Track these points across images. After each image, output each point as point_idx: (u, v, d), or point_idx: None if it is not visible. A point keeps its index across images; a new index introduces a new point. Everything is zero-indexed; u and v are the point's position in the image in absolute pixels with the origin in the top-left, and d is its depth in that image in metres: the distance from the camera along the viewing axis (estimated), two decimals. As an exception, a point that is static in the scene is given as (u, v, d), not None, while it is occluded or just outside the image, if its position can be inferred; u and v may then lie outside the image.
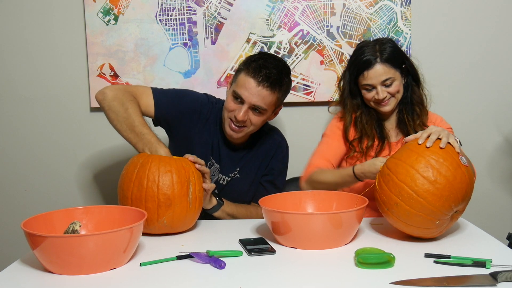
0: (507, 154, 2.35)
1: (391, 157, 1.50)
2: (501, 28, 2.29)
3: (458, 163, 1.41)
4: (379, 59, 1.81)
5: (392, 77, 1.82)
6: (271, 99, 1.78)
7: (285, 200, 1.64)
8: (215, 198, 1.78)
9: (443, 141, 1.44)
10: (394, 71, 1.83)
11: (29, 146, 2.46)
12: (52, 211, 1.44)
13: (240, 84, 1.77)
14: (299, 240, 1.42)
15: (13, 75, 2.42)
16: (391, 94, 1.84)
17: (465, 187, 1.40)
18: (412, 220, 1.40)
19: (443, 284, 1.14)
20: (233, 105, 1.79)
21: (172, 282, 1.22)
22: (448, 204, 1.37)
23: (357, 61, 1.85)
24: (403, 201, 1.39)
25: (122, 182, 1.59)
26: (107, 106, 1.74)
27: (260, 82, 1.75)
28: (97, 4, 2.32)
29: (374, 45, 1.85)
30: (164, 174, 1.54)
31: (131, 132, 1.69)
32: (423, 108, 1.91)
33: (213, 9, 2.30)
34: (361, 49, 1.86)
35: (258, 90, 1.75)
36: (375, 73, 1.81)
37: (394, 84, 1.83)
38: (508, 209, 2.38)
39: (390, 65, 1.82)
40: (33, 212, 1.47)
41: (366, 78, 1.83)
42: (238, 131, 1.82)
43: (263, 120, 1.84)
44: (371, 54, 1.82)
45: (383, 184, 1.45)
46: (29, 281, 1.25)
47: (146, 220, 1.50)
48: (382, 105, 1.86)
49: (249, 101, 1.76)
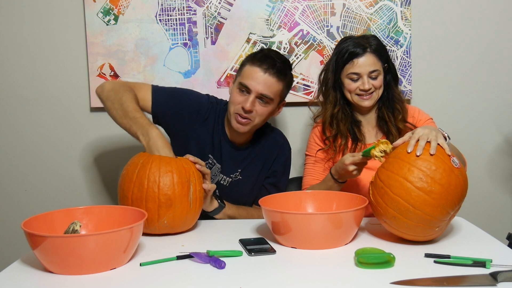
0: (507, 154, 2.35)
1: (382, 168, 1.45)
2: (501, 28, 2.29)
3: (450, 168, 1.37)
4: (369, 49, 1.82)
5: (379, 70, 1.84)
6: (277, 88, 1.81)
7: (285, 200, 1.64)
8: (217, 201, 1.78)
9: (432, 145, 1.40)
10: (380, 65, 1.85)
11: (29, 146, 2.46)
12: (52, 211, 1.44)
13: (246, 74, 1.80)
14: (299, 240, 1.42)
15: (13, 75, 2.42)
16: (375, 88, 1.85)
17: (460, 190, 1.38)
18: (412, 230, 1.38)
19: (443, 284, 1.14)
20: (240, 97, 1.81)
21: (172, 282, 1.22)
22: (445, 211, 1.36)
23: (345, 50, 1.84)
24: (401, 214, 1.36)
25: (123, 182, 1.59)
26: (105, 97, 1.78)
27: (266, 69, 1.78)
28: (97, 4, 2.32)
29: (361, 38, 1.87)
30: (165, 174, 1.54)
31: (125, 117, 1.71)
32: (403, 105, 1.92)
33: (213, 9, 2.30)
34: (347, 41, 1.87)
35: (264, 77, 1.78)
36: (364, 62, 1.82)
37: (379, 78, 1.85)
38: (508, 209, 2.38)
39: (378, 58, 1.84)
40: (33, 212, 1.47)
41: (355, 66, 1.82)
42: (245, 123, 1.82)
43: (269, 111, 1.84)
44: (361, 44, 1.83)
45: (378, 196, 1.42)
46: (29, 281, 1.25)
47: (147, 220, 1.50)
48: (364, 98, 1.85)
49: (256, 89, 1.78)
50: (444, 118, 2.29)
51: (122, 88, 1.79)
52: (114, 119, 1.75)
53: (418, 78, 2.30)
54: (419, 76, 2.30)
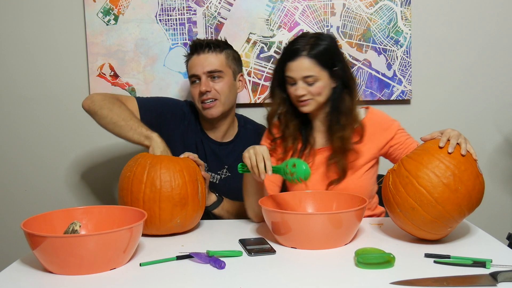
0: (507, 154, 2.35)
1: (409, 158, 1.44)
2: (501, 28, 2.29)
3: (477, 172, 1.39)
4: (305, 52, 1.66)
5: (316, 75, 1.66)
6: (218, 60, 1.90)
7: (285, 200, 1.64)
8: (215, 194, 1.80)
9: (463, 147, 1.41)
10: (320, 69, 1.67)
11: (29, 146, 2.46)
12: (52, 211, 1.44)
13: (189, 67, 1.94)
14: (299, 240, 1.42)
15: (13, 75, 2.42)
16: (312, 94, 1.68)
17: (480, 197, 1.39)
18: (426, 225, 1.37)
19: (443, 284, 1.14)
20: (195, 89, 1.92)
21: (172, 282, 1.22)
22: (463, 213, 1.37)
23: (285, 50, 1.72)
24: (421, 207, 1.35)
25: (130, 184, 1.56)
26: (98, 106, 1.82)
27: (200, 51, 1.90)
28: (97, 4, 2.32)
29: (310, 38, 1.70)
30: (177, 173, 1.55)
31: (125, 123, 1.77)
32: (350, 119, 1.71)
33: (213, 9, 2.30)
34: (297, 38, 1.73)
35: (201, 57, 1.90)
36: (297, 66, 1.66)
37: (317, 85, 1.67)
38: (508, 209, 2.38)
39: (317, 62, 1.66)
40: (33, 212, 1.47)
41: (289, 69, 1.68)
42: (212, 105, 1.90)
43: (227, 85, 1.92)
44: (301, 45, 1.67)
45: (400, 185, 1.40)
46: (29, 281, 1.25)
47: (159, 221, 1.52)
48: (301, 104, 1.71)
49: (201, 71, 1.89)
50: (444, 118, 2.30)
51: (112, 98, 1.86)
52: (110, 126, 1.79)
53: (418, 78, 2.30)
54: (419, 76, 2.30)
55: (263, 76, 2.32)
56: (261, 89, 2.33)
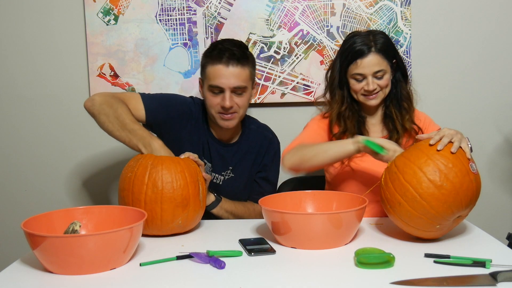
0: (507, 154, 2.35)
1: (401, 155, 1.47)
2: (501, 28, 2.29)
3: (467, 170, 1.39)
4: (373, 49, 1.78)
5: (384, 69, 1.80)
6: (245, 75, 1.83)
7: (285, 200, 1.64)
8: (213, 194, 1.80)
9: (454, 145, 1.41)
10: (386, 63, 1.80)
11: (29, 146, 2.46)
12: (52, 211, 1.44)
13: (212, 75, 1.81)
14: (299, 240, 1.42)
15: (13, 75, 2.42)
16: (380, 87, 1.81)
17: (470, 194, 1.39)
18: (413, 221, 1.39)
19: (443, 284, 1.14)
20: (215, 99, 1.83)
21: (172, 282, 1.22)
22: (450, 210, 1.37)
23: (350, 49, 1.81)
24: (406, 202, 1.38)
25: (131, 185, 1.55)
26: (97, 110, 1.75)
27: (228, 62, 1.79)
28: (97, 4, 2.32)
29: (367, 35, 1.81)
30: (178, 174, 1.55)
31: (123, 130, 1.70)
32: (411, 104, 1.89)
33: (213, 9, 2.30)
34: (353, 38, 1.82)
35: (230, 71, 1.79)
36: (368, 63, 1.78)
37: (385, 77, 1.81)
38: (508, 209, 2.38)
39: (383, 56, 1.79)
40: (33, 212, 1.47)
41: (359, 67, 1.79)
42: (231, 118, 1.85)
43: (248, 99, 1.88)
44: (366, 43, 1.78)
45: (389, 181, 1.44)
46: (29, 281, 1.25)
47: (161, 222, 1.52)
48: (370, 98, 1.83)
49: (227, 85, 1.80)
50: (444, 118, 2.29)
51: (113, 100, 1.77)
52: (110, 132, 1.73)
53: (418, 78, 2.29)
54: (419, 76, 2.29)
55: (263, 76, 2.32)
56: (261, 89, 2.33)
